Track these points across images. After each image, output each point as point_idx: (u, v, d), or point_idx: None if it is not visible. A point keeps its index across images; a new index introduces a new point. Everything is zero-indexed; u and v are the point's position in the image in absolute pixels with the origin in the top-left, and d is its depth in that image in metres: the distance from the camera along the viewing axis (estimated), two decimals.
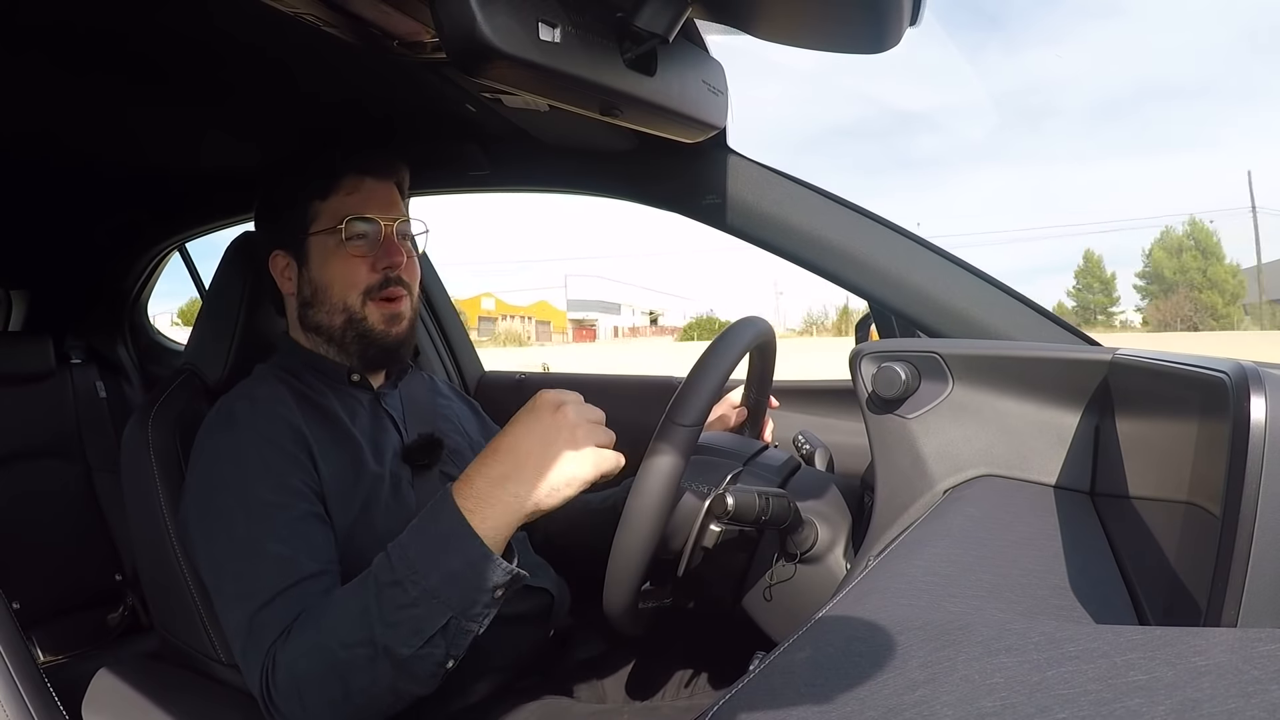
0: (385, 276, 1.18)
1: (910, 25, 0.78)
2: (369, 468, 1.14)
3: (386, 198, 1.21)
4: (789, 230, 1.30)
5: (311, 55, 1.17)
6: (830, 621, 0.61)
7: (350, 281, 1.18)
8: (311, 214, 1.19)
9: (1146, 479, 0.72)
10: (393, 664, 0.86)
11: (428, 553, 0.86)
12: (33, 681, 0.83)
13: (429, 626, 0.85)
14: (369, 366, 1.24)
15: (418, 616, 0.85)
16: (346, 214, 1.17)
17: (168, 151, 1.76)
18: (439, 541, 0.87)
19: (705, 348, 1.03)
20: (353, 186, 1.19)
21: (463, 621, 0.86)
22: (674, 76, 0.93)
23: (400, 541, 0.89)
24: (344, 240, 1.17)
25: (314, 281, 1.20)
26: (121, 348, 2.65)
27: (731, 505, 0.94)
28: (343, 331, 1.19)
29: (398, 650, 0.85)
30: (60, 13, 1.05)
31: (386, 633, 0.85)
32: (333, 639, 0.88)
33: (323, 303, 1.19)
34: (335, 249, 1.17)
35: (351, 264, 1.17)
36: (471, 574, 0.85)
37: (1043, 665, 0.46)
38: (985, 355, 0.99)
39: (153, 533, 1.14)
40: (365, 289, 1.18)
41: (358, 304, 1.18)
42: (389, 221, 1.19)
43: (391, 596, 0.86)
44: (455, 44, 0.70)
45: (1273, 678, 0.40)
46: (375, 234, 1.18)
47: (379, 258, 1.18)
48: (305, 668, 0.89)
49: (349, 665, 0.87)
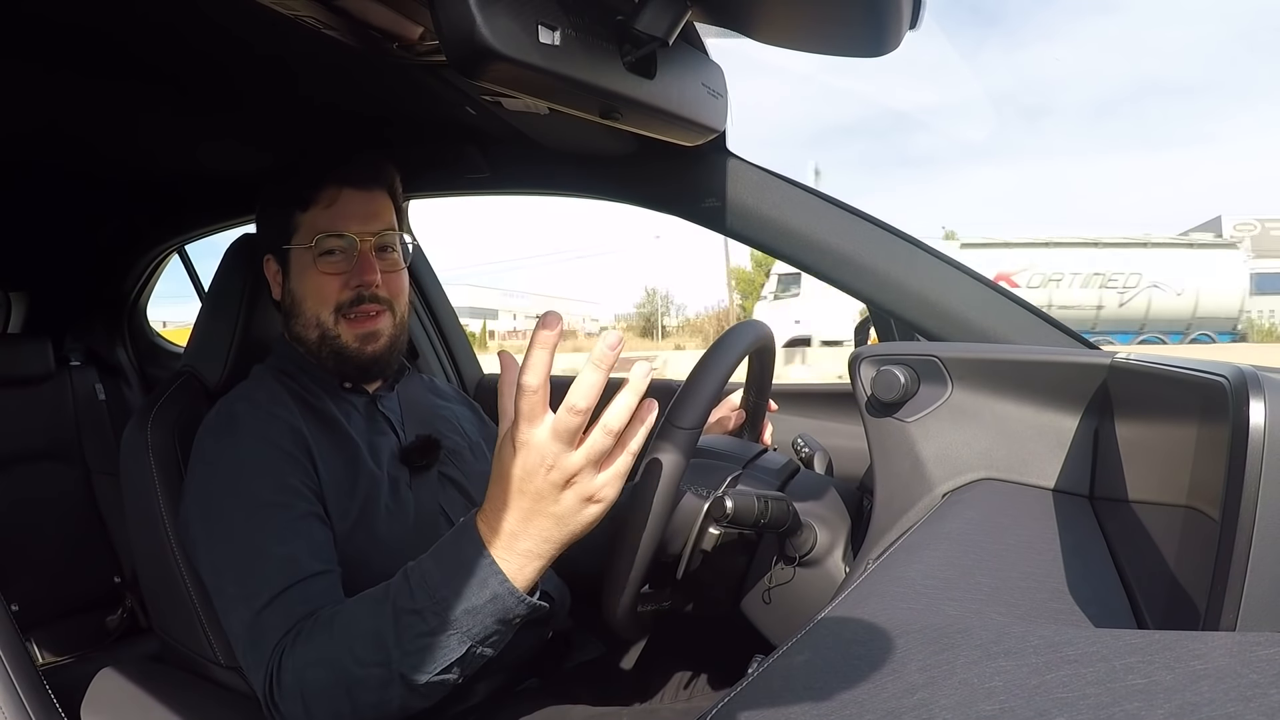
0: (358, 294, 1.16)
1: (910, 29, 0.78)
2: (366, 469, 1.13)
3: (366, 209, 1.18)
4: (788, 233, 1.30)
5: (311, 58, 1.17)
6: (829, 624, 0.61)
7: (321, 298, 1.16)
8: (293, 225, 1.17)
9: (1146, 483, 0.72)
10: (406, 687, 0.85)
11: (450, 584, 0.84)
12: (31, 683, 0.83)
13: (447, 656, 0.84)
14: (348, 380, 1.22)
15: (436, 645, 0.83)
16: (319, 230, 1.15)
17: (167, 154, 1.76)
18: (462, 573, 0.83)
19: (704, 351, 1.03)
20: (330, 199, 1.16)
21: (480, 649, 0.85)
22: (674, 79, 0.93)
23: (421, 568, 0.87)
24: (316, 257, 1.15)
25: (293, 294, 1.19)
26: (121, 350, 2.65)
27: (730, 509, 0.94)
28: (318, 346, 1.18)
29: (413, 677, 0.84)
30: (58, 14, 1.05)
31: (403, 660, 0.84)
32: (346, 654, 0.87)
33: (299, 316, 1.19)
34: (309, 265, 1.16)
35: (323, 281, 1.16)
36: (494, 607, 0.83)
37: (1042, 669, 0.46)
38: (984, 359, 0.99)
39: (151, 535, 1.14)
40: (336, 305, 1.16)
41: (330, 321, 1.16)
42: (366, 236, 1.17)
43: (410, 624, 0.84)
44: (455, 46, 0.70)
45: (1272, 681, 0.40)
46: (350, 250, 1.16)
47: (352, 275, 1.16)
48: (314, 677, 0.88)
49: (361, 683, 0.86)
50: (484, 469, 1.31)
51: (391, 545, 1.10)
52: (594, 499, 0.80)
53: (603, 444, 0.78)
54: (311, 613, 0.94)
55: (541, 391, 0.77)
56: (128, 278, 2.58)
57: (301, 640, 0.91)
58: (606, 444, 0.78)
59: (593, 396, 0.76)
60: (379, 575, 1.08)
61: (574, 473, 0.79)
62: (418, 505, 1.16)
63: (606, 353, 0.75)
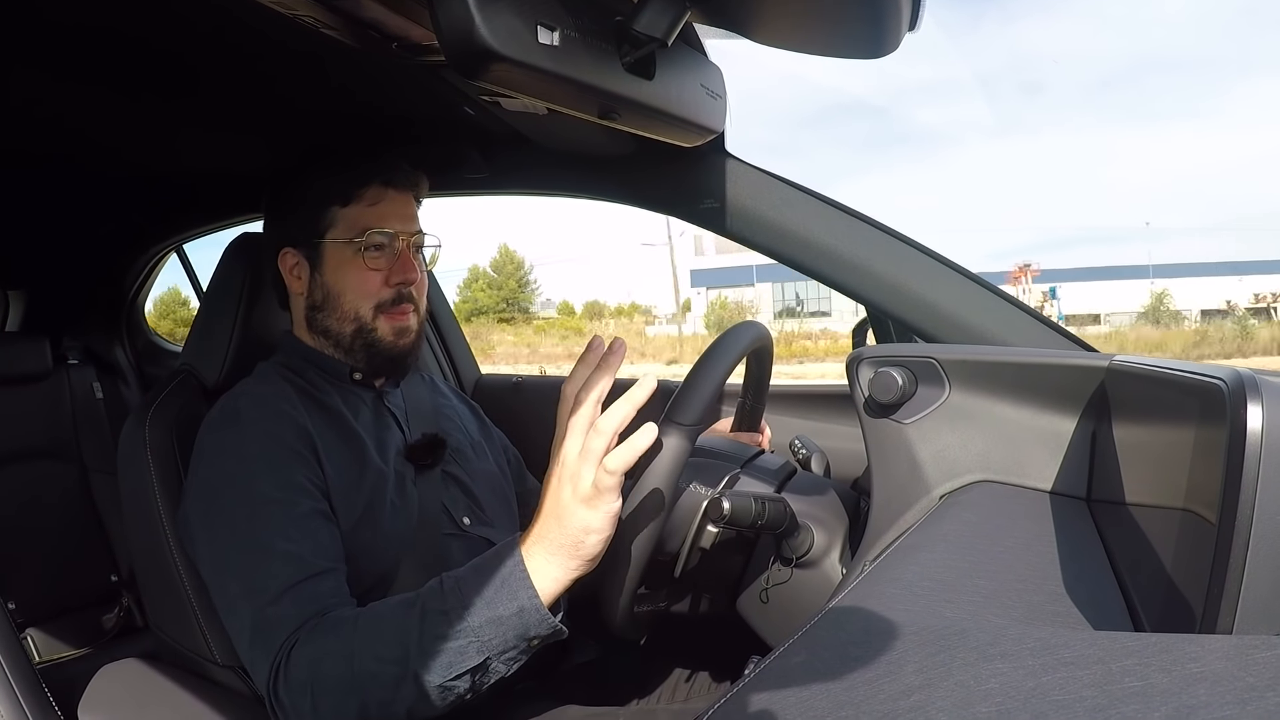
0: (399, 292, 1.18)
1: (909, 30, 0.78)
2: (373, 465, 1.14)
3: (405, 210, 1.21)
4: (786, 235, 1.30)
5: (311, 57, 1.17)
6: (826, 626, 0.61)
7: (364, 293, 1.18)
8: (330, 219, 1.18)
9: (1143, 485, 0.72)
10: (417, 688, 0.87)
11: (482, 591, 0.87)
12: (28, 682, 0.83)
13: (464, 663, 0.86)
14: (372, 372, 1.24)
15: (455, 649, 0.86)
16: (368, 225, 1.17)
17: (165, 152, 1.76)
18: (495, 582, 0.87)
19: (705, 349, 1.03)
20: (375, 196, 1.18)
21: (496, 663, 0.87)
22: (672, 80, 0.93)
23: (457, 574, 0.90)
24: (362, 251, 1.17)
25: (326, 286, 1.20)
26: (119, 348, 2.65)
27: (728, 510, 0.94)
28: (351, 339, 1.19)
29: (427, 677, 0.86)
30: (55, 13, 1.05)
31: (421, 658, 0.86)
32: (367, 650, 0.88)
33: (334, 309, 1.19)
34: (352, 258, 1.17)
35: (367, 276, 1.17)
36: (516, 621, 0.86)
37: (1038, 671, 0.46)
38: (982, 361, 0.99)
39: (149, 533, 1.14)
40: (378, 302, 1.18)
41: (369, 315, 1.18)
42: (407, 236, 1.19)
43: (434, 624, 0.87)
44: (454, 46, 0.70)
45: (1268, 684, 0.40)
46: (393, 248, 1.18)
47: (394, 272, 1.18)
48: (329, 670, 0.89)
49: (374, 678, 0.87)
50: (485, 467, 1.32)
51: (395, 541, 1.11)
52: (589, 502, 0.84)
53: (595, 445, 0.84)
54: (322, 610, 0.95)
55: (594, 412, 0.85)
56: (126, 276, 2.58)
57: (318, 634, 0.92)
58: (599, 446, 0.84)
59: (621, 423, 0.84)
60: (382, 571, 1.09)
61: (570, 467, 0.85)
62: (422, 502, 1.17)
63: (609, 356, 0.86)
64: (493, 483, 1.32)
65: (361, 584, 1.05)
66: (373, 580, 1.07)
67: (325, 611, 0.95)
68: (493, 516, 1.26)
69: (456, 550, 1.16)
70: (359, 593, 1.02)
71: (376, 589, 1.07)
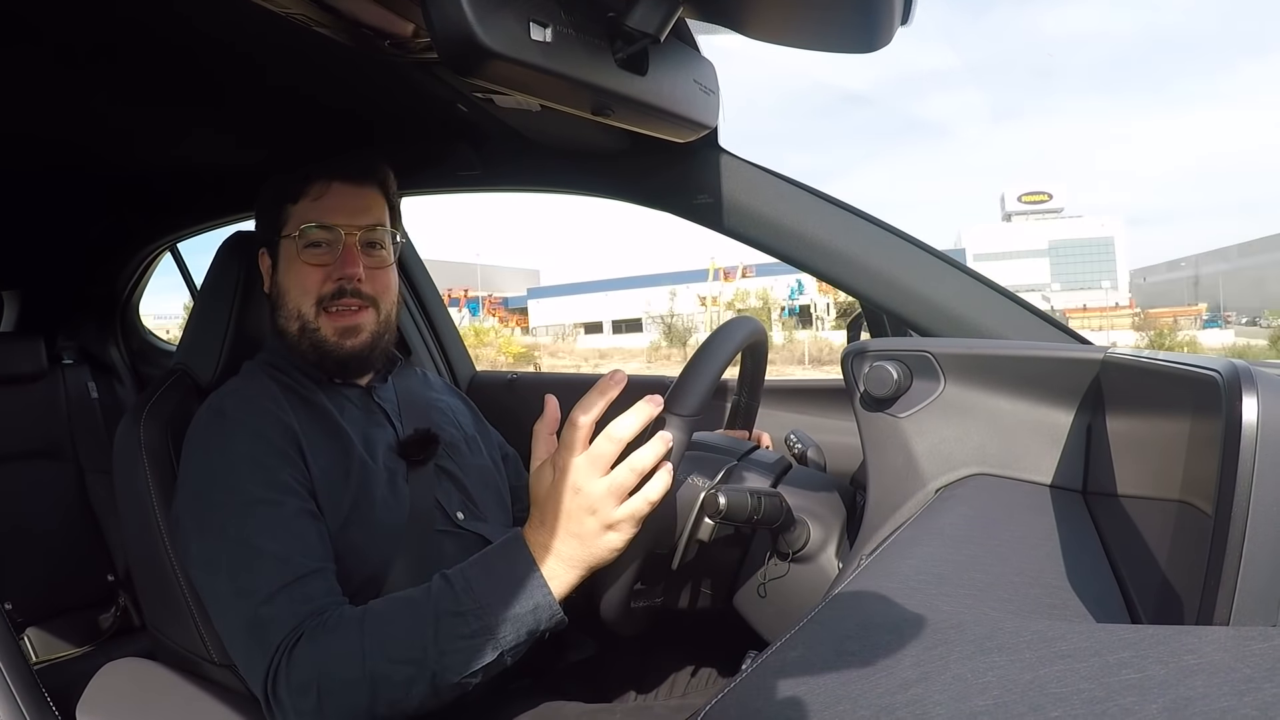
0: (340, 287, 1.17)
1: (901, 25, 0.78)
2: (360, 461, 1.14)
3: (354, 204, 1.19)
4: (780, 229, 1.30)
5: (303, 55, 1.16)
6: (822, 620, 0.61)
7: (303, 289, 1.17)
8: (284, 216, 1.18)
9: (1139, 478, 0.72)
10: (433, 687, 0.88)
11: (498, 592, 0.89)
12: (25, 682, 0.83)
13: (481, 660, 0.88)
14: (327, 374, 1.22)
15: (474, 648, 0.88)
16: (305, 221, 1.16)
17: (159, 152, 1.76)
18: (511, 584, 0.89)
19: (702, 342, 1.03)
20: (319, 191, 1.18)
21: (506, 657, 0.90)
22: (665, 76, 0.93)
23: (465, 574, 0.91)
24: (301, 248, 1.16)
25: (278, 285, 1.20)
26: (113, 348, 2.65)
27: (724, 505, 0.94)
28: (298, 338, 1.19)
29: (445, 677, 0.88)
30: (50, 13, 1.05)
31: (439, 659, 0.88)
32: (378, 650, 0.89)
33: (281, 308, 1.19)
34: (295, 255, 1.17)
35: (305, 272, 1.17)
36: (532, 618, 0.89)
37: (1035, 664, 0.46)
38: (977, 354, 0.99)
39: (145, 533, 1.14)
40: (318, 298, 1.17)
41: (311, 314, 1.17)
42: (352, 230, 1.17)
43: (453, 626, 0.88)
44: (446, 43, 0.70)
45: (1265, 676, 0.40)
46: (335, 242, 1.17)
47: (335, 267, 1.16)
48: (337, 671, 0.89)
49: (387, 679, 0.88)
50: (479, 462, 1.32)
51: (386, 537, 1.11)
52: (613, 527, 0.87)
53: (624, 479, 0.86)
54: (318, 610, 0.95)
55: (586, 429, 0.87)
56: (120, 276, 2.58)
57: (321, 635, 0.92)
58: (628, 480, 0.86)
59: (632, 432, 0.87)
60: (373, 567, 1.09)
61: (597, 498, 0.86)
62: (413, 498, 1.17)
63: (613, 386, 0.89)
64: (486, 477, 1.32)
65: (353, 580, 1.05)
66: (365, 576, 1.07)
67: (321, 611, 0.95)
68: (486, 511, 1.26)
69: (449, 546, 1.16)
70: (351, 589, 1.02)
71: (369, 585, 1.07)
